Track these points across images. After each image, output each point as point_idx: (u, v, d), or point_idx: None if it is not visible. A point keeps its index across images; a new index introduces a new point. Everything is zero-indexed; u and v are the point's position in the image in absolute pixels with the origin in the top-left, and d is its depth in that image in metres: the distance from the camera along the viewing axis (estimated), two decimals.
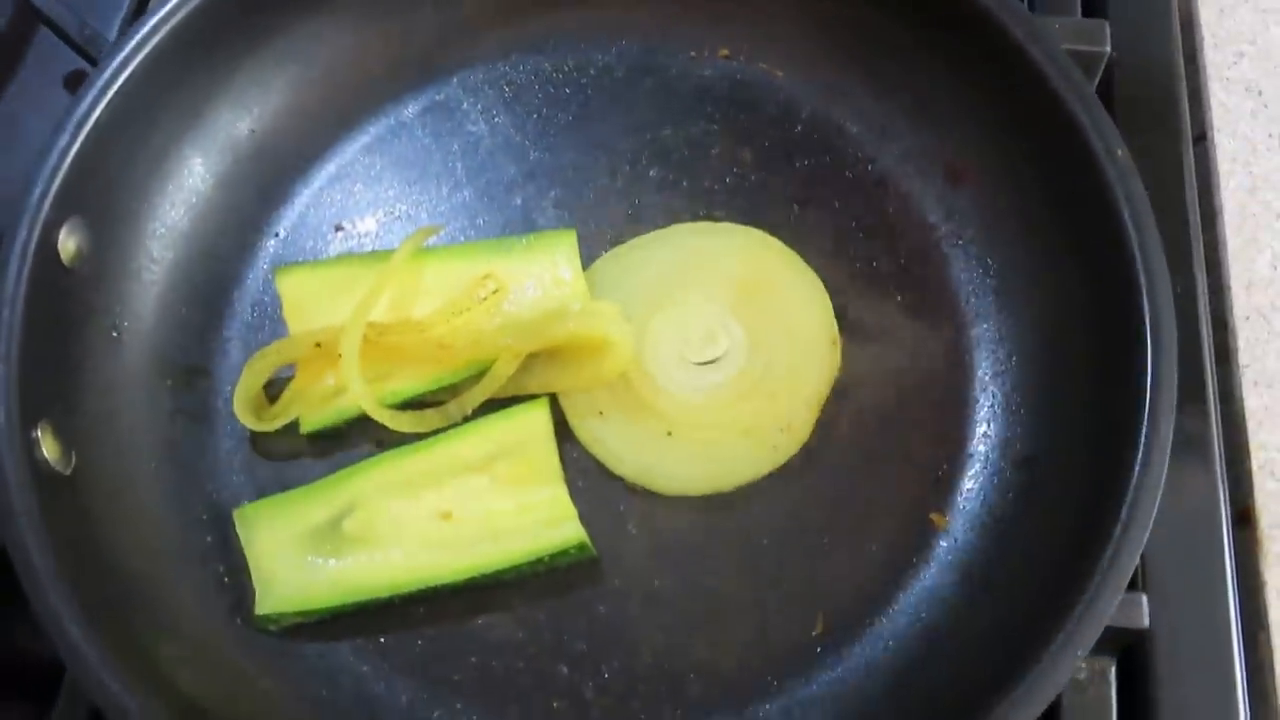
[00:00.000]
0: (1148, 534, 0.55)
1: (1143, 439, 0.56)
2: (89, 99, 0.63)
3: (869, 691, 0.61)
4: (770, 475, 0.65)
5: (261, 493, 0.65)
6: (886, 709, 0.60)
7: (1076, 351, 0.64)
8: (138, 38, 0.65)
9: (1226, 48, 0.80)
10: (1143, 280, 0.59)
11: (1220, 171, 0.76)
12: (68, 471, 0.59)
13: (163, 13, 0.66)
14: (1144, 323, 0.59)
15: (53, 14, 0.79)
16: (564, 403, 0.66)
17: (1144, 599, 0.61)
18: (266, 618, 0.61)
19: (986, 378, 0.67)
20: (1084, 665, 0.61)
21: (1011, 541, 0.62)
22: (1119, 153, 0.62)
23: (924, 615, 0.62)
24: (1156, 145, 0.73)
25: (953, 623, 0.61)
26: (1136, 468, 0.56)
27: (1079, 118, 0.63)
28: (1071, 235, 0.65)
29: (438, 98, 0.75)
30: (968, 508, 0.65)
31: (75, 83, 0.83)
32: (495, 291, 0.66)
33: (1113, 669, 0.62)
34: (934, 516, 0.64)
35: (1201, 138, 0.79)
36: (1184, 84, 0.79)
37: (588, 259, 0.69)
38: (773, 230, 0.71)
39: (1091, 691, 0.63)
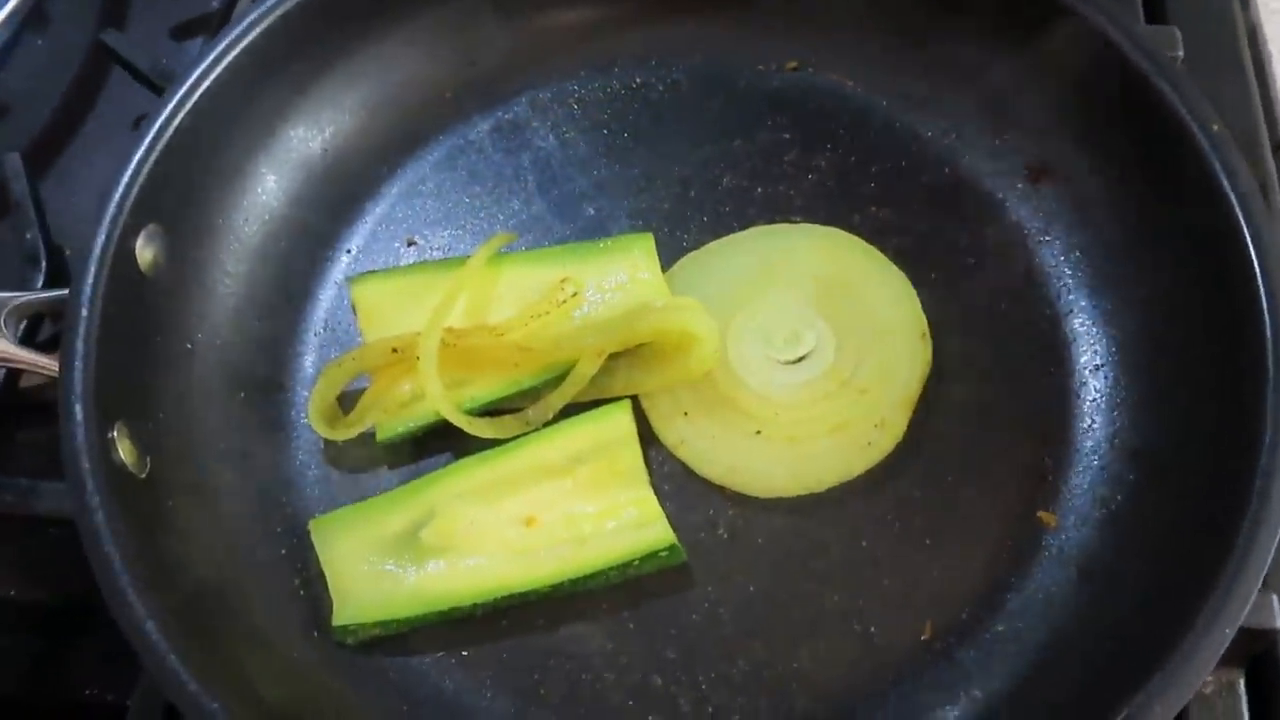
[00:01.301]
0: None
1: (1269, 422, 0.53)
2: (166, 111, 0.64)
3: (986, 699, 0.57)
4: (865, 475, 0.62)
5: (337, 503, 0.63)
6: (1004, 717, 0.56)
7: (1186, 336, 0.61)
8: (213, 54, 0.66)
9: None
10: (1254, 254, 0.57)
11: None
12: (143, 475, 0.57)
13: (237, 31, 0.66)
14: (1261, 298, 0.56)
15: (125, 53, 0.80)
16: (646, 405, 0.64)
17: (1275, 600, 0.57)
18: (344, 629, 0.58)
19: (1087, 371, 0.64)
20: (1210, 677, 0.57)
21: (1130, 538, 0.59)
22: (1215, 127, 0.60)
23: (1041, 618, 0.58)
24: None
25: (1074, 625, 0.57)
26: (1263, 453, 0.53)
27: (1169, 95, 0.62)
28: (1171, 218, 0.63)
29: (506, 116, 0.75)
30: (1078, 504, 0.61)
31: None
32: (573, 295, 0.64)
33: (1241, 681, 0.58)
34: (1043, 515, 0.61)
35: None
36: (1256, 90, 0.77)
37: (664, 265, 0.67)
38: (852, 232, 0.69)
39: (1220, 707, 0.58)
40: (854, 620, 0.59)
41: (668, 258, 0.68)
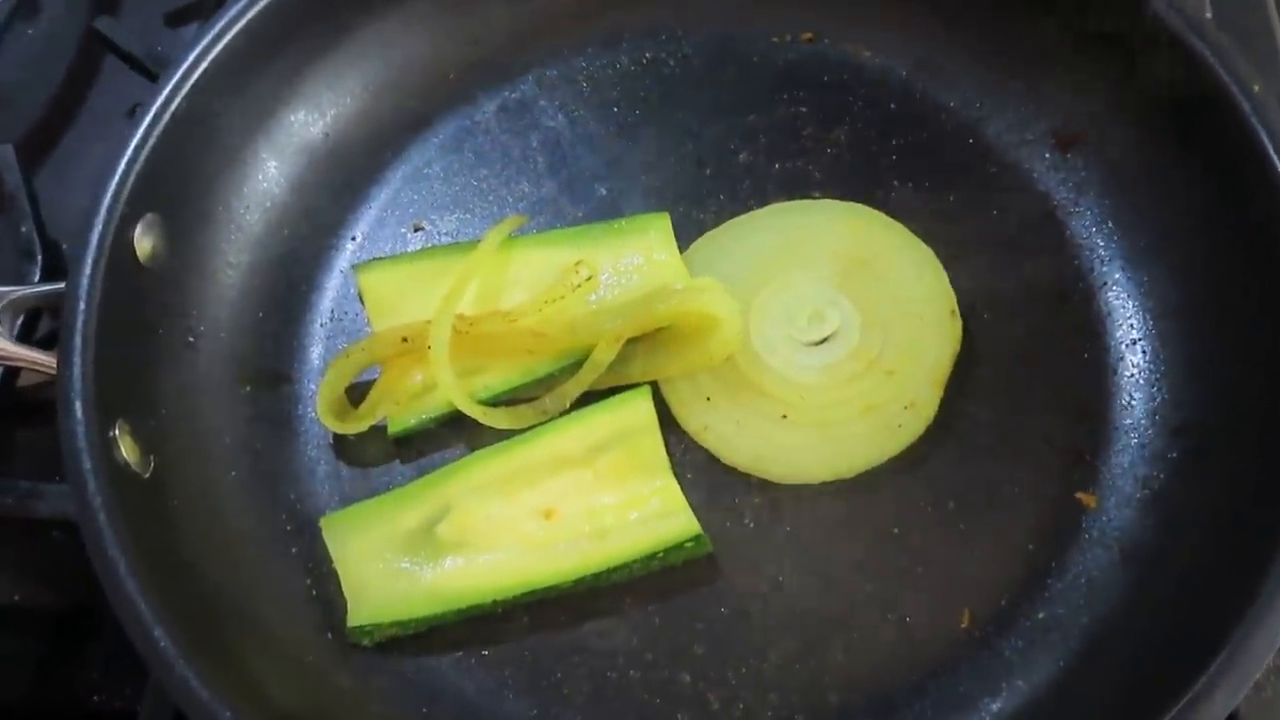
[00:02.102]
0: None
1: None
2: (162, 97, 0.61)
3: (1030, 690, 0.54)
4: (896, 459, 0.60)
5: (348, 500, 0.61)
6: (1050, 708, 0.54)
7: (1227, 307, 0.59)
8: (208, 38, 0.63)
9: None
10: None
11: None
12: (146, 474, 0.55)
13: (232, 13, 0.64)
14: None
15: (119, 40, 0.78)
16: (667, 390, 0.62)
17: None
18: (360, 630, 0.56)
19: (1123, 345, 0.62)
20: None
21: (1174, 518, 0.57)
22: (1256, 88, 0.57)
23: (1084, 604, 0.56)
24: None
25: (1120, 610, 0.55)
26: None
27: (1206, 56, 0.59)
28: (1209, 184, 0.60)
29: (513, 95, 0.72)
30: (1119, 484, 0.59)
31: None
32: (588, 278, 0.62)
33: None
34: (1082, 496, 0.59)
35: None
36: None
37: (681, 246, 0.65)
38: (876, 207, 0.66)
39: (1269, 692, 0.56)
40: (889, 610, 0.57)
41: (685, 237, 0.66)
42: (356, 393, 0.62)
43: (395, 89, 0.71)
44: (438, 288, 0.62)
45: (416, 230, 0.69)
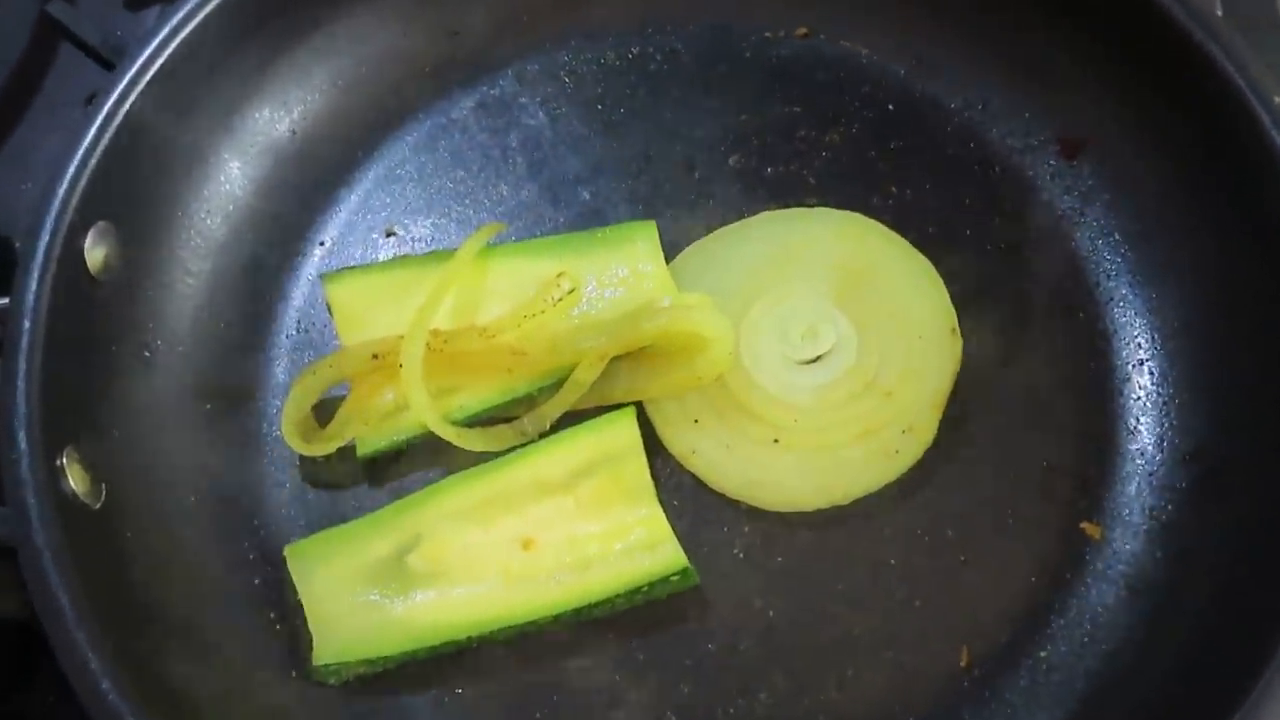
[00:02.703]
0: None
1: None
2: (115, 95, 0.57)
3: None
4: (893, 486, 0.57)
5: (315, 527, 0.58)
6: None
7: (1242, 325, 0.56)
8: (166, 30, 0.59)
9: None
10: None
11: None
12: (97, 505, 0.52)
13: (193, 3, 0.60)
14: None
15: (73, 26, 0.73)
16: (652, 412, 0.59)
17: None
18: (326, 668, 0.53)
19: (1130, 365, 0.59)
20: None
21: (1187, 551, 0.54)
22: (1277, 100, 0.54)
23: (1090, 642, 0.54)
24: None
25: (1128, 650, 0.53)
26: None
27: (1224, 64, 0.56)
28: (1223, 199, 0.57)
29: (492, 92, 0.69)
30: (1126, 514, 0.57)
31: None
32: (570, 291, 0.59)
33: None
34: (1086, 526, 0.56)
35: None
36: None
37: (668, 255, 0.62)
38: (871, 216, 0.63)
39: None
40: (884, 647, 0.55)
41: (672, 246, 0.63)
42: (324, 411, 0.59)
43: (367, 84, 0.68)
44: (410, 300, 0.59)
45: (389, 235, 0.65)
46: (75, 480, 0.51)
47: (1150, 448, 0.57)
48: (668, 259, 0.61)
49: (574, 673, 0.54)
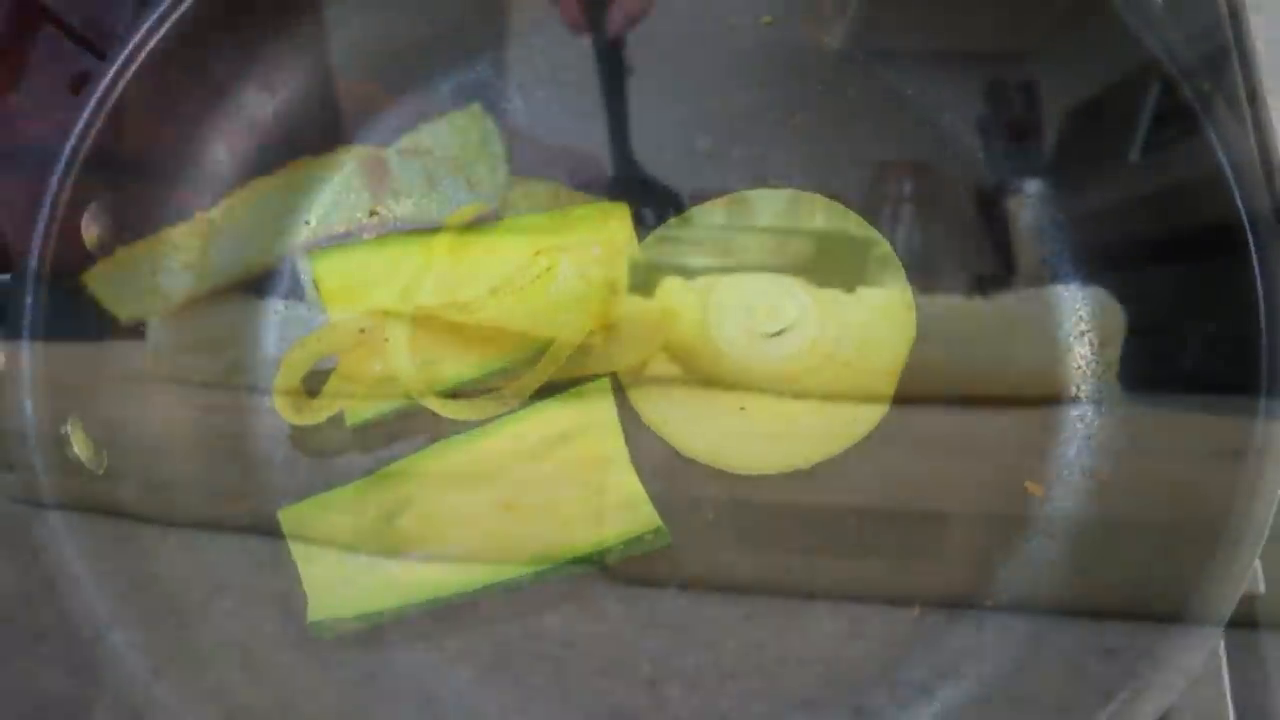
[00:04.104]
0: None
1: (1264, 380, 0.52)
2: (108, 78, 0.59)
3: (982, 674, 0.56)
4: (851, 450, 0.61)
5: (307, 492, 0.60)
6: (1002, 692, 0.55)
7: (1178, 296, 0.60)
8: (155, 15, 0.61)
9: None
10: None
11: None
12: (100, 471, 0.54)
13: None
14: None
15: (54, 7, 0.75)
16: (627, 383, 0.62)
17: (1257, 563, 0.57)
18: (320, 625, 0.56)
19: (1072, 337, 0.63)
20: None
21: (1121, 507, 0.58)
22: (1205, 86, 0.58)
23: (1033, 593, 0.57)
24: None
25: (1069, 599, 0.57)
26: (1260, 416, 0.52)
27: (1157, 53, 0.59)
28: (1161, 179, 0.61)
29: (470, 76, 0.71)
30: (1065, 474, 0.60)
31: (83, 84, 0.78)
32: (548, 269, 0.61)
33: (1221, 645, 0.58)
34: (1030, 485, 0.60)
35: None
36: (1232, 39, 0.76)
37: (640, 235, 0.65)
38: (834, 196, 0.67)
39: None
40: (844, 599, 0.58)
41: (644, 227, 0.65)
42: (314, 383, 0.62)
43: (349, 69, 0.70)
44: (395, 277, 0.61)
45: (372, 215, 0.68)
46: (80, 447, 0.53)
47: (1090, 411, 0.61)
48: (639, 238, 0.65)
49: (554, 625, 0.57)
